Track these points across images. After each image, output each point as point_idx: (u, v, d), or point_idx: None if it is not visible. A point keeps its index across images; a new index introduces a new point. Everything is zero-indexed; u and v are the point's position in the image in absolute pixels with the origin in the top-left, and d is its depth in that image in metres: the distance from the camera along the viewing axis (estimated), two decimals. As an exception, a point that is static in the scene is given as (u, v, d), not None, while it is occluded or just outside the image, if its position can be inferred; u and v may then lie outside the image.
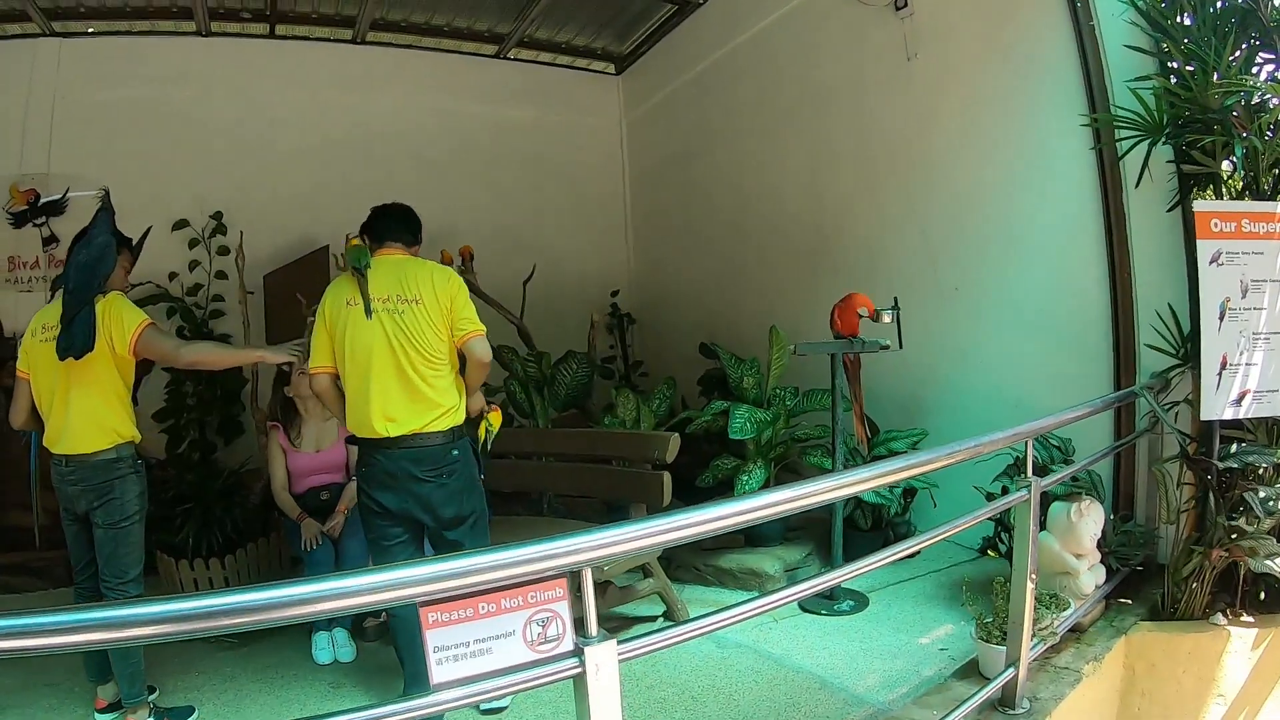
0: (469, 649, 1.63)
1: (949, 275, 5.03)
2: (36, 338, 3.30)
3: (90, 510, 3.25)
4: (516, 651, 1.66)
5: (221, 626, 1.43)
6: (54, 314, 3.24)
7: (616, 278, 8.25)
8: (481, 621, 1.63)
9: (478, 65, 7.63)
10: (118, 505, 3.25)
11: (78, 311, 3.13)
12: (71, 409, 3.21)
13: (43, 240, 5.97)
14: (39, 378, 3.31)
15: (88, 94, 6.07)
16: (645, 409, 5.38)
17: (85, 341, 3.10)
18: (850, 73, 5.61)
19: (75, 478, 3.23)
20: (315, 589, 1.49)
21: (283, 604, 1.45)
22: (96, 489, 3.22)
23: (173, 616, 1.39)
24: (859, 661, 3.57)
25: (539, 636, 1.68)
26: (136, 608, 1.39)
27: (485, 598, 1.63)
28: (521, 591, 1.65)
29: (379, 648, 4.04)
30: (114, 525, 3.25)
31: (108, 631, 1.36)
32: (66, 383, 3.22)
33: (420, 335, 3.12)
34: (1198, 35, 3.68)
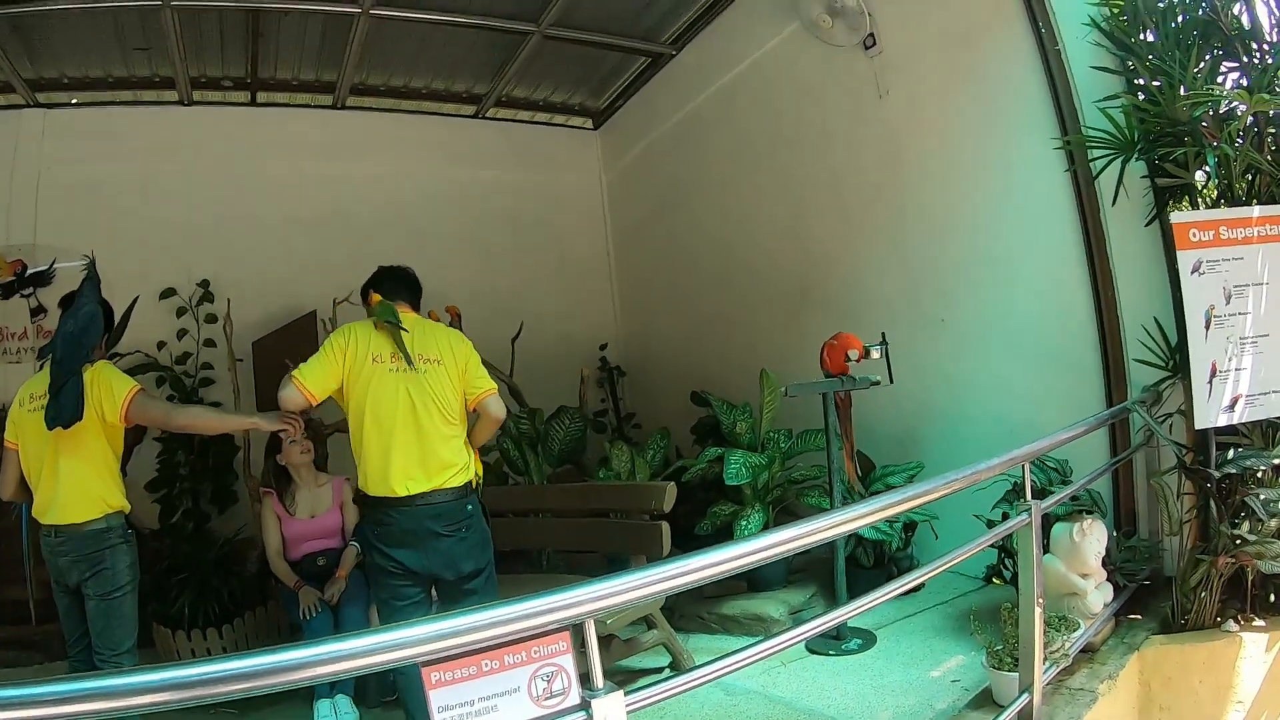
0: (474, 708, 1.60)
1: (934, 307, 5.05)
2: (24, 408, 3.30)
3: (82, 581, 3.22)
4: (523, 708, 1.64)
5: (221, 693, 1.41)
6: (41, 384, 3.24)
7: (604, 331, 8.25)
8: (486, 679, 1.61)
9: (457, 126, 7.71)
10: (109, 576, 3.22)
11: (65, 381, 3.12)
12: (60, 479, 3.20)
13: (30, 311, 5.97)
14: (27, 448, 3.30)
15: (73, 164, 6.10)
16: (640, 460, 5.37)
17: (74, 411, 3.09)
18: (823, 114, 5.67)
19: (66, 548, 3.20)
20: (315, 652, 1.47)
21: (283, 669, 1.44)
22: (88, 559, 3.19)
23: (172, 684, 1.38)
24: (871, 699, 3.52)
25: (544, 691, 1.65)
26: (135, 676, 1.38)
27: (488, 655, 1.61)
28: (525, 647, 1.63)
29: (382, 713, 3.97)
30: (106, 596, 3.22)
31: (106, 701, 1.34)
32: (55, 452, 3.20)
33: (442, 395, 3.20)
34: (1162, 50, 3.75)
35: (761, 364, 5.26)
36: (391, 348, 3.19)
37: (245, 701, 4.00)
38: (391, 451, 3.11)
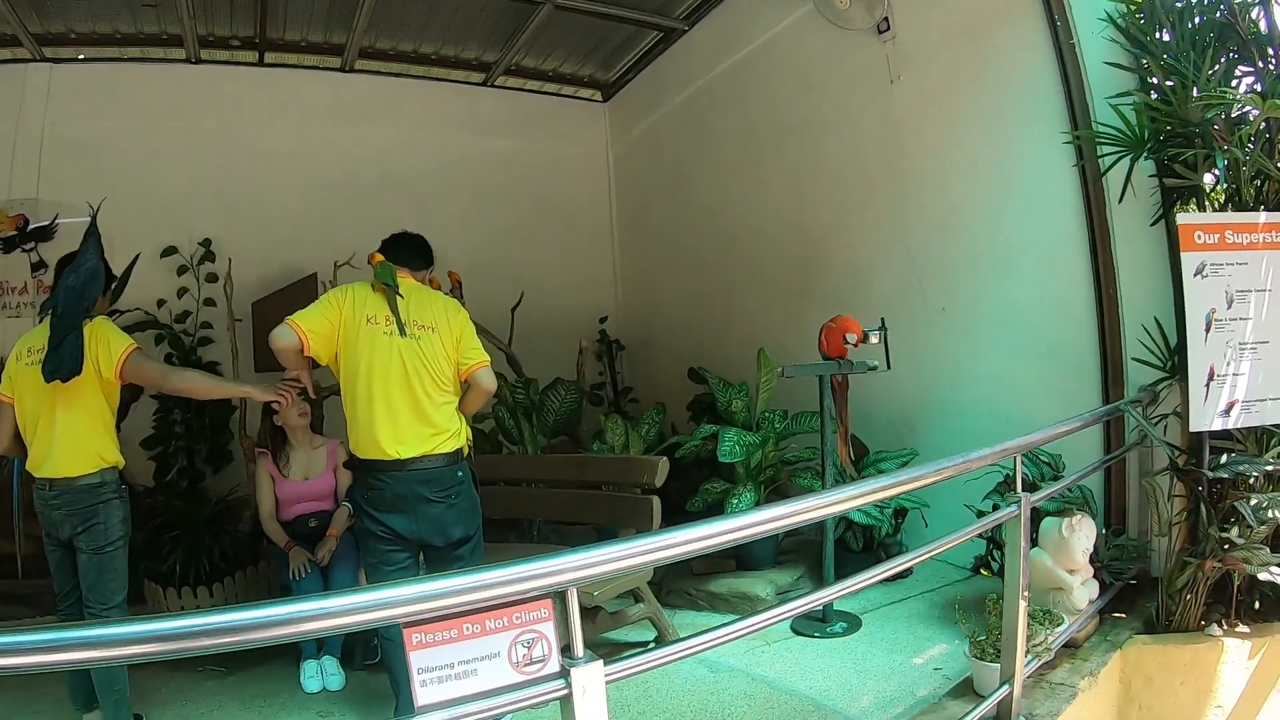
0: (453, 670, 1.61)
1: (936, 295, 5.04)
2: (21, 361, 3.29)
3: (74, 535, 3.22)
4: (502, 673, 1.64)
5: (204, 646, 1.40)
6: (40, 337, 3.24)
7: (605, 304, 8.25)
8: (466, 643, 1.62)
9: (465, 93, 7.67)
10: (101, 530, 3.23)
11: (66, 335, 3.13)
12: (56, 433, 3.20)
13: (31, 266, 5.96)
14: (24, 401, 3.29)
15: (78, 120, 6.07)
16: (634, 435, 5.37)
17: (73, 365, 3.10)
18: (834, 96, 5.65)
19: (59, 502, 3.20)
20: (298, 609, 1.47)
21: (267, 624, 1.44)
22: (81, 513, 3.20)
23: (156, 636, 1.38)
24: (852, 683, 3.54)
25: (524, 658, 1.66)
26: (120, 627, 1.38)
27: (469, 619, 1.61)
28: (506, 612, 1.64)
29: (368, 676, 4.00)
30: (98, 550, 3.23)
31: (92, 650, 1.34)
32: (51, 406, 3.20)
33: (435, 362, 3.21)
34: (1177, 50, 3.73)
35: (761, 344, 5.26)
36: (386, 311, 3.19)
37: (232, 661, 4.11)
38: (383, 414, 3.12)
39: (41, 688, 3.80)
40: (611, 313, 8.24)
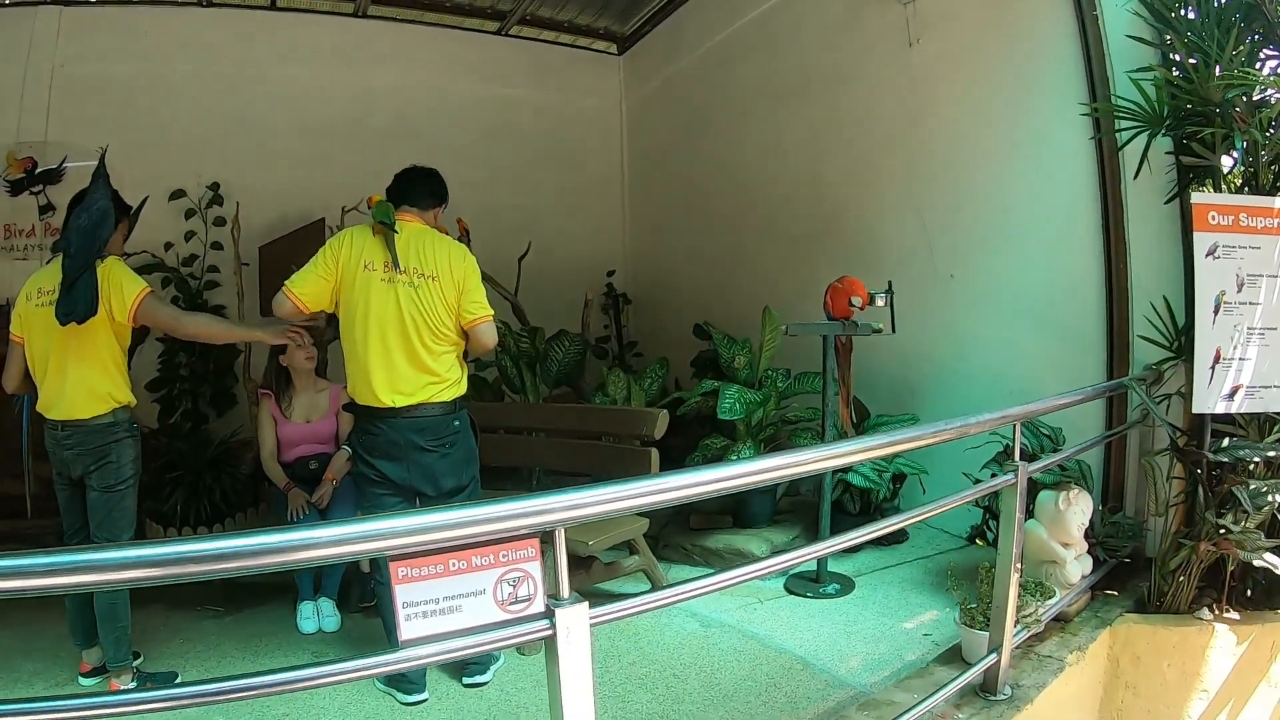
0: (438, 606, 1.61)
1: (945, 261, 5.01)
2: (32, 301, 3.29)
3: (86, 474, 3.25)
4: (487, 610, 1.64)
5: (196, 573, 1.41)
6: (50, 278, 3.24)
7: (613, 258, 8.24)
8: (452, 578, 1.62)
9: (479, 42, 7.61)
10: (114, 469, 3.26)
11: (79, 276, 3.10)
12: (69, 374, 3.21)
13: (39, 208, 5.96)
14: (34, 342, 3.29)
15: (87, 63, 6.03)
16: (636, 388, 5.36)
17: (88, 306, 3.09)
18: (851, 57, 5.59)
19: (72, 442, 3.22)
20: (290, 538, 1.48)
21: (258, 552, 1.44)
22: (93, 453, 3.23)
23: (149, 561, 1.38)
24: (842, 644, 3.57)
25: (510, 596, 1.66)
26: (114, 551, 1.39)
27: (456, 554, 1.61)
28: (493, 550, 1.64)
29: (364, 619, 4.05)
30: (109, 489, 3.26)
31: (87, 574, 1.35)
32: (63, 348, 3.20)
33: (433, 312, 3.15)
34: (1201, 28, 3.65)
35: (768, 302, 5.23)
36: (385, 256, 3.12)
37: (230, 601, 4.17)
38: (379, 363, 3.10)
39: (42, 625, 3.87)
40: (619, 266, 8.23)
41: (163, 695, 1.53)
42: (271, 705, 3.12)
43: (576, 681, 1.69)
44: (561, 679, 1.68)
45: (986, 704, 2.94)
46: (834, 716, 2.95)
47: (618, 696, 3.18)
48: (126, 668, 3.32)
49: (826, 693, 3.15)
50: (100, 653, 3.37)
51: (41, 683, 3.42)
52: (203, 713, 3.03)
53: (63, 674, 3.48)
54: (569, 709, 1.69)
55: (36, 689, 3.35)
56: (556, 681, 1.69)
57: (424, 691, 3.18)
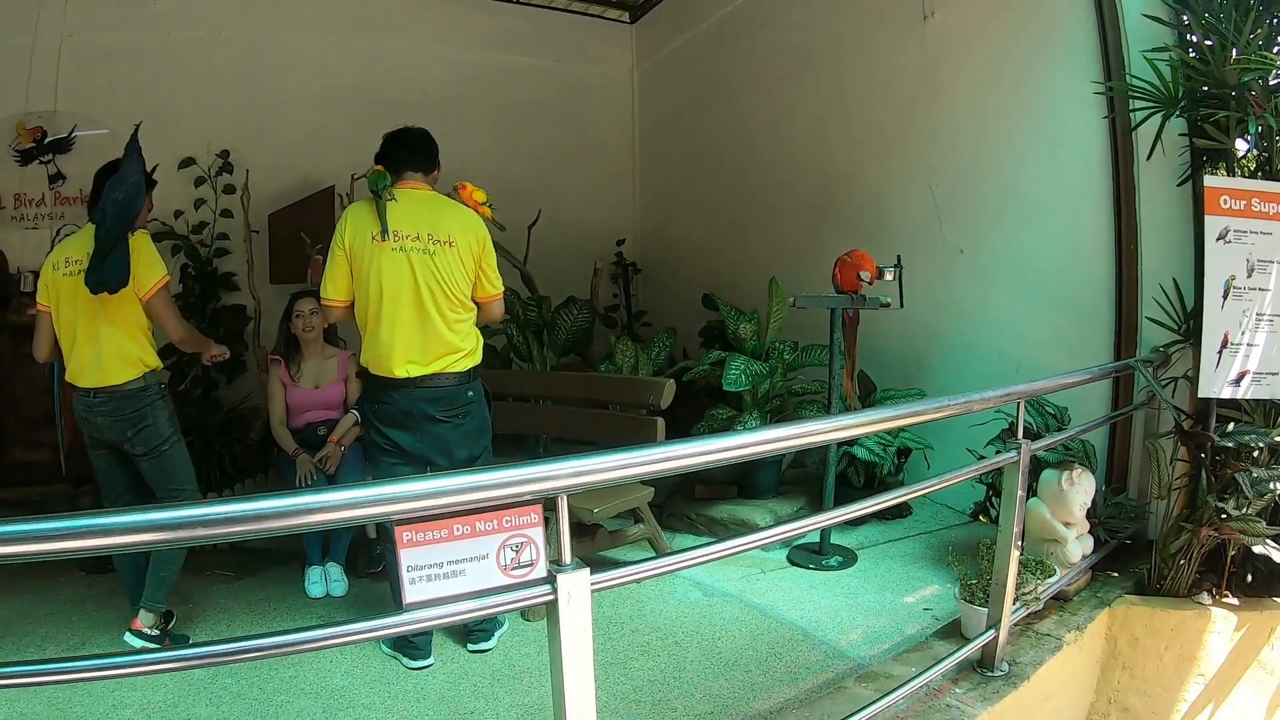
0: (442, 569, 1.64)
1: (955, 236, 5.00)
2: (59, 271, 3.32)
3: (124, 440, 3.33)
4: (489, 575, 1.67)
5: (205, 536, 1.43)
6: (78, 247, 3.28)
7: (622, 227, 8.21)
8: (456, 543, 1.65)
9: (490, 9, 7.55)
10: (152, 431, 3.36)
11: (112, 247, 3.16)
12: (101, 341, 3.27)
13: (49, 178, 5.96)
14: (62, 311, 3.33)
15: (95, 32, 6.00)
16: (644, 357, 5.37)
17: (122, 277, 3.16)
18: (865, 28, 5.55)
19: (106, 409, 3.29)
20: (300, 502, 1.50)
21: (268, 515, 1.46)
22: (128, 418, 3.31)
23: (157, 524, 1.41)
24: (843, 616, 3.61)
25: (512, 561, 1.69)
26: (120, 516, 1.40)
27: (460, 519, 1.64)
28: (497, 515, 1.66)
29: (371, 583, 4.09)
30: (153, 451, 3.37)
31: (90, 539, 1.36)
32: (92, 316, 3.26)
33: (450, 279, 3.12)
34: (1219, 9, 3.62)
35: (776, 274, 5.23)
36: (394, 226, 3.07)
37: (240, 566, 4.22)
38: (393, 333, 3.08)
39: (53, 590, 3.98)
40: (629, 235, 8.21)
41: (172, 655, 1.56)
42: (279, 667, 3.18)
43: (577, 646, 1.72)
44: (563, 643, 1.71)
45: (983, 679, 2.97)
46: (833, 687, 2.98)
47: (620, 664, 3.23)
48: (158, 611, 3.42)
49: (826, 664, 3.19)
50: (145, 593, 3.45)
51: (54, 646, 3.48)
52: (211, 674, 3.13)
53: (74, 638, 3.55)
54: (569, 673, 1.72)
55: (49, 652, 3.41)
56: (558, 645, 1.71)
57: (430, 657, 3.23)
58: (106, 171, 3.41)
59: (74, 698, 2.96)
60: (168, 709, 2.94)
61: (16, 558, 1.34)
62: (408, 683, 3.12)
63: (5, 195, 5.94)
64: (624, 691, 3.04)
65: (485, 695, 3.03)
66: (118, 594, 3.76)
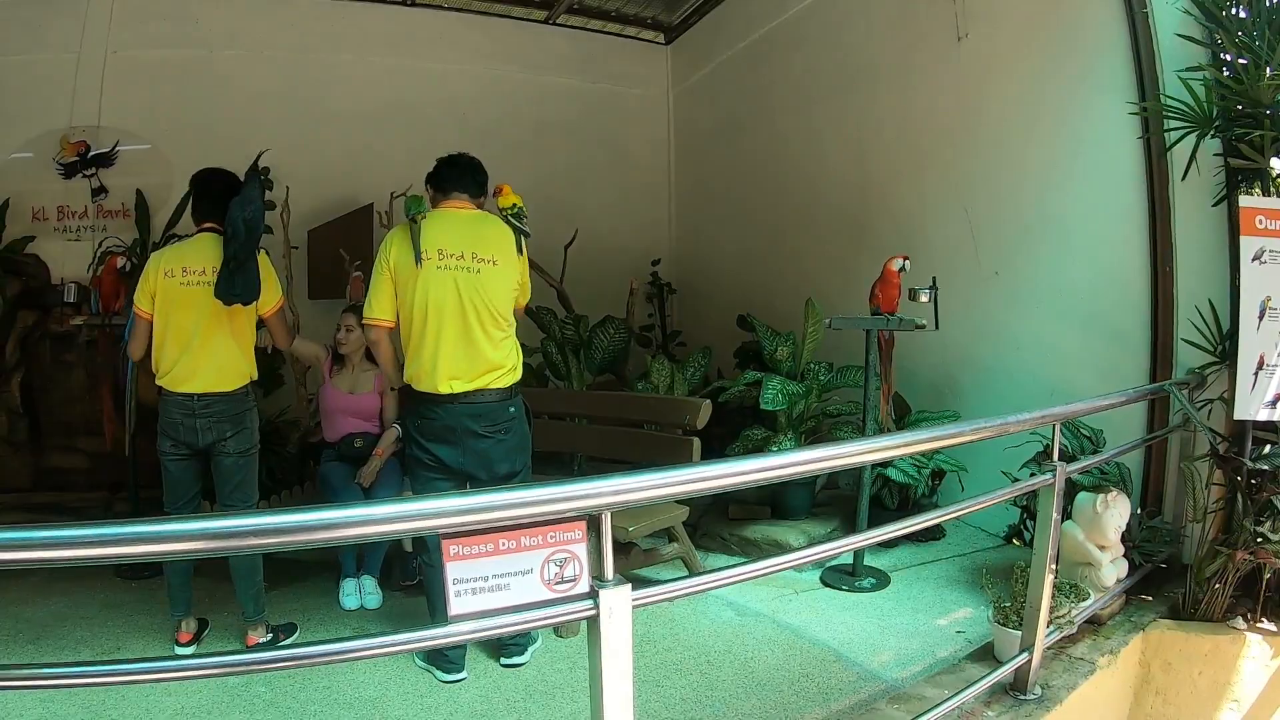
0: (487, 583, 1.67)
1: (990, 258, 5.00)
2: (174, 279, 3.43)
3: (219, 440, 3.47)
4: (533, 589, 1.70)
5: (253, 546, 1.47)
6: (197, 258, 3.43)
7: (658, 247, 8.26)
8: (501, 557, 1.67)
9: (527, 31, 7.68)
10: (248, 434, 3.56)
11: (246, 261, 3.34)
12: (218, 351, 3.44)
13: (92, 191, 6.12)
14: (178, 318, 3.43)
15: (139, 50, 6.18)
16: (679, 376, 5.40)
17: (254, 291, 3.38)
18: (900, 50, 5.58)
19: (210, 412, 3.44)
20: (346, 514, 1.54)
21: (314, 527, 1.50)
22: (231, 420, 3.49)
23: (206, 534, 1.45)
24: (875, 638, 3.60)
25: (556, 576, 1.72)
26: (167, 524, 1.45)
27: (506, 534, 1.67)
28: (542, 531, 1.69)
29: (404, 597, 4.13)
30: (244, 453, 3.55)
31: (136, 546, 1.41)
32: (214, 326, 3.42)
33: (494, 297, 3.17)
34: (1252, 28, 3.62)
35: (811, 295, 5.26)
36: (438, 244, 3.14)
37: (274, 577, 4.23)
38: (437, 350, 3.12)
39: (84, 594, 4.04)
40: (665, 255, 8.25)
41: (208, 662, 1.60)
42: (313, 677, 3.21)
43: (617, 661, 1.74)
44: (603, 658, 1.73)
45: (1016, 703, 2.95)
46: (864, 709, 2.98)
47: (653, 681, 3.24)
48: (262, 621, 3.57)
49: (857, 685, 3.18)
50: (197, 623, 3.64)
51: (90, 649, 3.54)
52: (245, 681, 3.17)
53: (109, 641, 3.61)
54: (609, 687, 1.74)
55: (85, 655, 3.47)
56: (598, 660, 1.74)
57: (463, 670, 3.25)
58: (203, 180, 3.59)
59: (108, 700, 3.00)
60: (202, 714, 2.99)
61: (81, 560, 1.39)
62: (441, 695, 3.14)
63: (49, 207, 6.10)
64: (656, 709, 3.04)
65: (518, 710, 3.05)
66: (153, 599, 3.84)
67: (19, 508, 5.44)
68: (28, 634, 3.65)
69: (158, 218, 6.14)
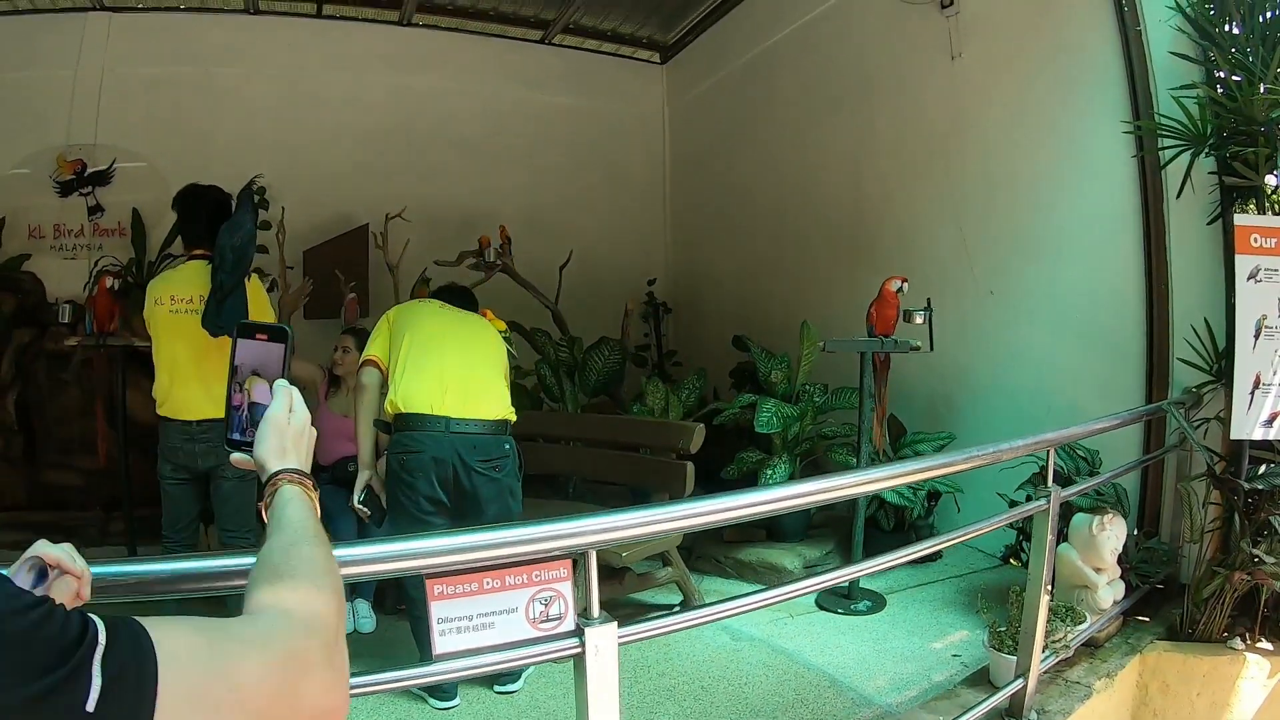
0: (472, 622, 1.66)
1: (985, 276, 4.99)
2: (163, 306, 3.44)
3: (219, 466, 3.43)
4: (518, 628, 1.69)
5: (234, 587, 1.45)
6: (184, 286, 3.44)
7: (653, 266, 8.23)
8: (486, 596, 1.67)
9: (522, 50, 7.68)
10: None
11: (231, 291, 3.30)
12: (210, 381, 3.38)
13: (88, 209, 6.11)
14: (169, 346, 3.44)
15: (135, 68, 6.17)
16: (674, 399, 5.39)
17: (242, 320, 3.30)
18: (894, 69, 5.58)
19: (208, 438, 3.40)
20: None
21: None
22: None
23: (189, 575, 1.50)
24: (870, 662, 3.58)
25: (541, 615, 1.71)
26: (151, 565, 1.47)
27: (491, 574, 1.66)
28: (526, 570, 1.68)
29: (398, 620, 4.09)
30: (244, 477, 3.44)
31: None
32: (202, 355, 3.38)
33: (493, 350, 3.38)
34: (1245, 44, 3.62)
35: (807, 314, 5.25)
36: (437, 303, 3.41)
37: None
38: (436, 368, 3.16)
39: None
40: (660, 274, 8.22)
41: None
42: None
43: (603, 699, 1.73)
44: (589, 696, 1.72)
45: (1012, 729, 2.94)
46: (859, 735, 2.97)
47: (646, 708, 3.21)
48: None
49: (852, 711, 3.16)
50: None
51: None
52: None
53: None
54: (596, 724, 1.73)
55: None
56: (584, 699, 1.73)
57: (455, 698, 3.23)
58: (189, 199, 3.57)
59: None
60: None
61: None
62: (433, 723, 3.12)
63: (45, 225, 6.09)
64: (649, 737, 3.03)
65: (511, 737, 3.03)
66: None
67: (16, 526, 5.40)
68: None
69: (153, 236, 6.13)
